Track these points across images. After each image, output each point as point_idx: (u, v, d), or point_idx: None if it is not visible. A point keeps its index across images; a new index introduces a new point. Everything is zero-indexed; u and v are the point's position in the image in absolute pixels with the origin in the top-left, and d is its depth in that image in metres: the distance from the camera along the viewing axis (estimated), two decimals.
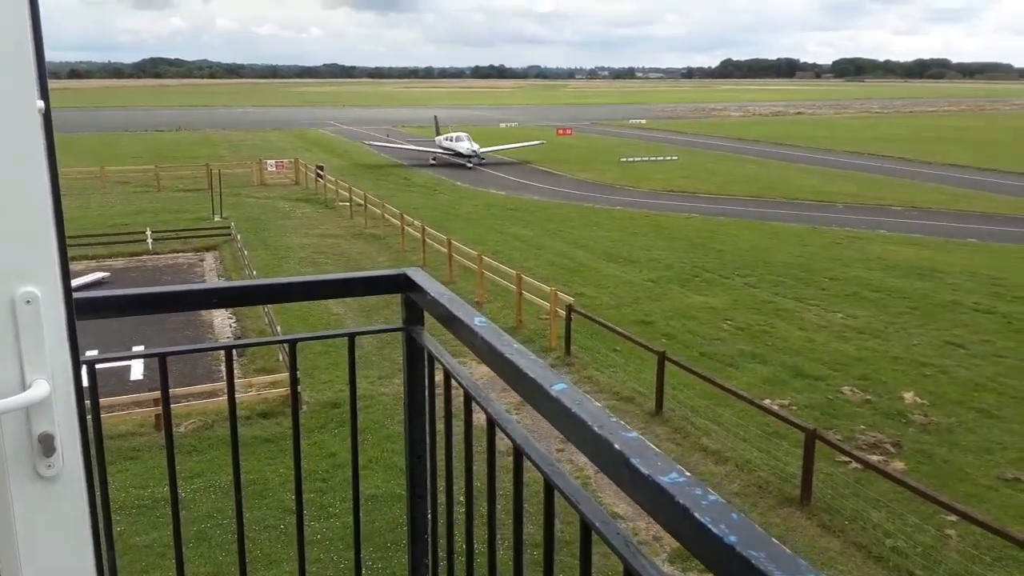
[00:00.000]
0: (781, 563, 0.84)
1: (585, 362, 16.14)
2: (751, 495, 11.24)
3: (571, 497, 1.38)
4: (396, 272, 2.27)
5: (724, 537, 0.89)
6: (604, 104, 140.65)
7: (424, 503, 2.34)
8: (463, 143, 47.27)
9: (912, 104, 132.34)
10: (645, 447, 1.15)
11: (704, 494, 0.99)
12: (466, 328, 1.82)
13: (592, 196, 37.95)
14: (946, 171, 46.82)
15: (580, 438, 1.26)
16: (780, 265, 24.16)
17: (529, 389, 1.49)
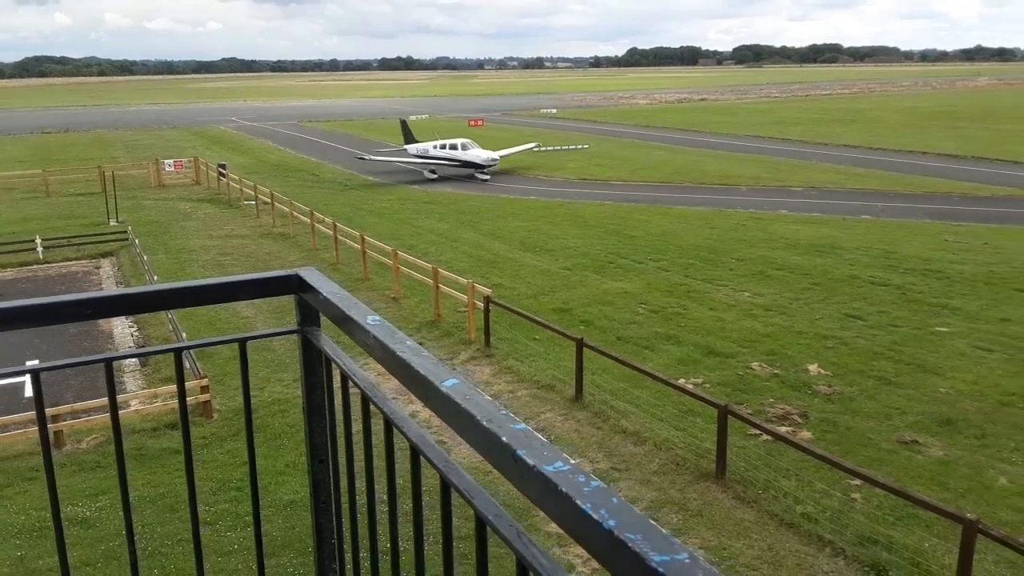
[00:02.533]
0: (657, 544, 0.88)
1: (505, 353, 16.18)
2: (669, 472, 11.53)
3: (465, 493, 1.40)
4: (288, 273, 2.20)
5: (603, 522, 0.92)
6: (515, 94, 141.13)
7: (329, 508, 2.31)
8: (474, 151, 40.43)
9: (807, 88, 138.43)
10: (532, 438, 1.16)
11: (587, 481, 1.01)
12: (359, 328, 1.79)
13: (507, 187, 38.05)
14: (840, 152, 49.17)
15: (470, 433, 1.27)
16: (690, 248, 24.85)
17: (421, 387, 1.48)
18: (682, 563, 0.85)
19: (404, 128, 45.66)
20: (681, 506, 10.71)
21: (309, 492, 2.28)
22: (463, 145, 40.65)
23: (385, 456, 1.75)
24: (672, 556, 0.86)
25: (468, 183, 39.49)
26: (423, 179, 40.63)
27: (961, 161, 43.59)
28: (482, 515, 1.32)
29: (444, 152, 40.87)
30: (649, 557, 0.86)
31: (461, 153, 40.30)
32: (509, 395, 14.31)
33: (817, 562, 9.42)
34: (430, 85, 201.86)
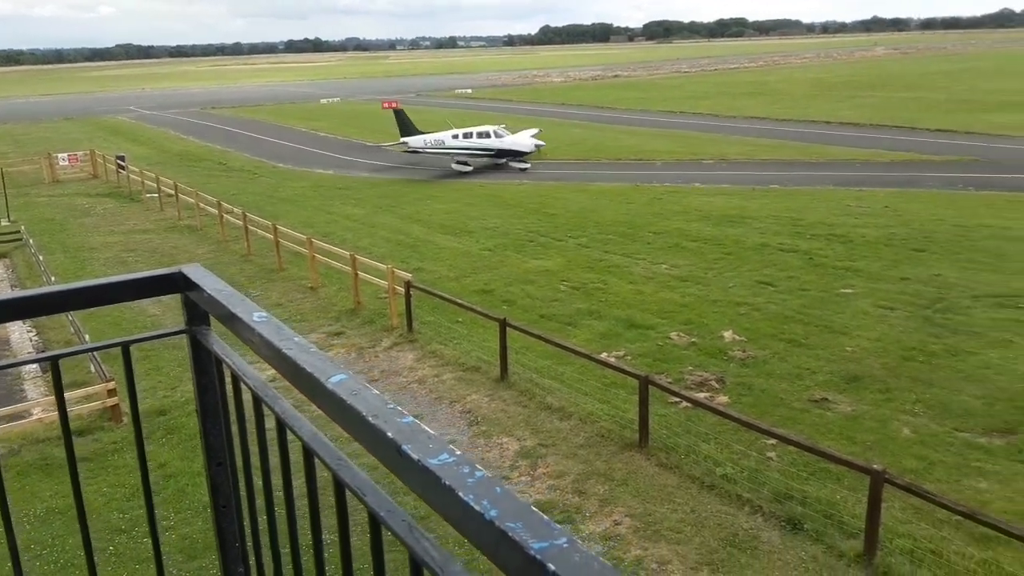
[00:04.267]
0: (537, 531, 0.91)
1: (429, 337, 16.06)
2: (595, 445, 11.71)
3: (358, 490, 1.39)
4: (172, 271, 2.14)
5: (485, 513, 0.94)
6: (428, 75, 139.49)
7: (229, 511, 2.25)
8: (513, 137, 37.07)
9: (716, 62, 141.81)
10: (418, 432, 1.16)
11: (471, 471, 1.03)
12: (245, 326, 1.75)
13: (424, 169, 37.62)
14: (749, 124, 50.66)
15: (356, 430, 1.25)
16: (608, 224, 25.19)
17: (308, 384, 1.45)
18: (560, 548, 0.87)
19: (401, 119, 39.73)
20: (607, 476, 10.90)
21: (209, 496, 2.23)
22: (495, 133, 36.74)
23: (280, 457, 1.72)
24: (551, 542, 0.89)
25: (390, 167, 38.89)
26: (337, 164, 39.73)
27: (861, 129, 45.60)
28: (373, 511, 1.31)
29: (473, 142, 36.72)
30: (528, 545, 0.88)
31: (496, 141, 36.38)
32: (434, 379, 14.23)
33: (737, 520, 9.76)
34: (340, 67, 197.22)
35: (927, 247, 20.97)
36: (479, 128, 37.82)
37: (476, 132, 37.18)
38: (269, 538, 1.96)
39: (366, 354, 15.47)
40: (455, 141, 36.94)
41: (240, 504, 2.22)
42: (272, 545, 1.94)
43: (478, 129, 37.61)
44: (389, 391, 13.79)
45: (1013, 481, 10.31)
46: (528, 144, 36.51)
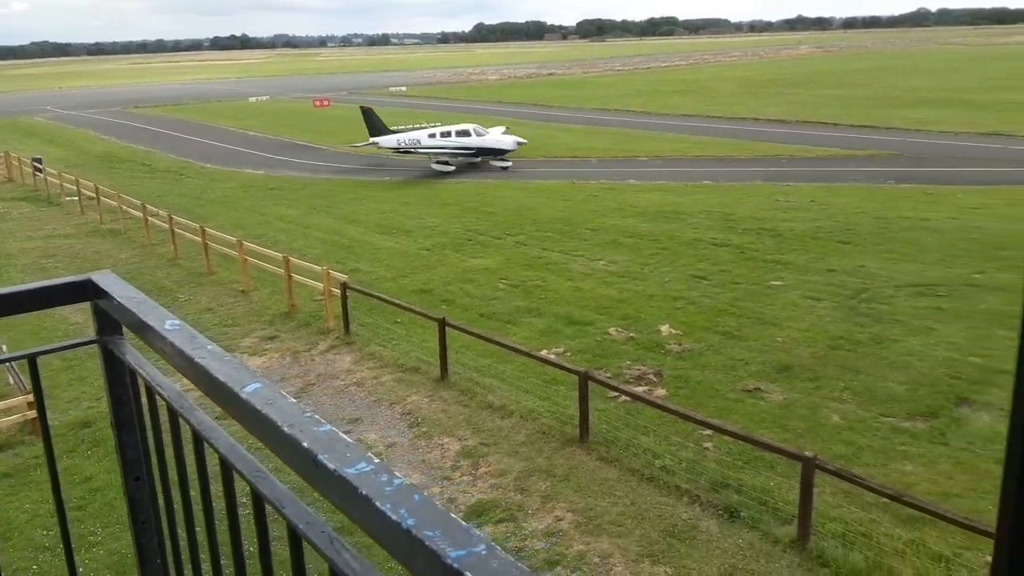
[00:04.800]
0: (456, 539, 0.90)
1: (367, 339, 15.84)
2: (536, 442, 11.74)
3: (276, 502, 1.37)
4: (81, 278, 2.07)
5: (403, 522, 0.93)
6: (362, 72, 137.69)
7: (149, 527, 2.20)
8: (494, 135, 35.95)
9: (648, 61, 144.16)
10: (336, 440, 1.14)
11: (390, 480, 1.02)
12: (156, 335, 1.69)
13: (360, 168, 37.12)
14: (681, 121, 51.65)
15: (271, 440, 1.23)
16: (546, 221, 25.31)
17: (221, 394, 1.41)
18: (478, 555, 0.87)
19: (369, 118, 37.92)
20: (549, 473, 10.94)
21: (127, 512, 2.18)
22: (475, 131, 35.76)
23: (198, 471, 1.71)
24: (469, 550, 0.88)
25: (319, 168, 38.19)
26: (268, 164, 38.83)
27: (788, 125, 46.99)
28: (292, 524, 1.29)
29: (452, 140, 35.51)
30: (445, 553, 0.87)
31: (476, 140, 35.38)
32: (373, 381, 14.04)
33: (676, 511, 9.92)
34: (269, 64, 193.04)
35: (851, 239, 21.74)
36: (458, 126, 36.82)
37: (455, 131, 36.04)
38: (189, 554, 1.92)
39: (302, 358, 15.15)
40: (432, 140, 35.79)
41: (160, 519, 2.17)
42: (193, 561, 1.91)
43: (457, 127, 36.52)
44: (327, 395, 13.55)
45: (936, 463, 10.77)
46: (510, 142, 35.74)
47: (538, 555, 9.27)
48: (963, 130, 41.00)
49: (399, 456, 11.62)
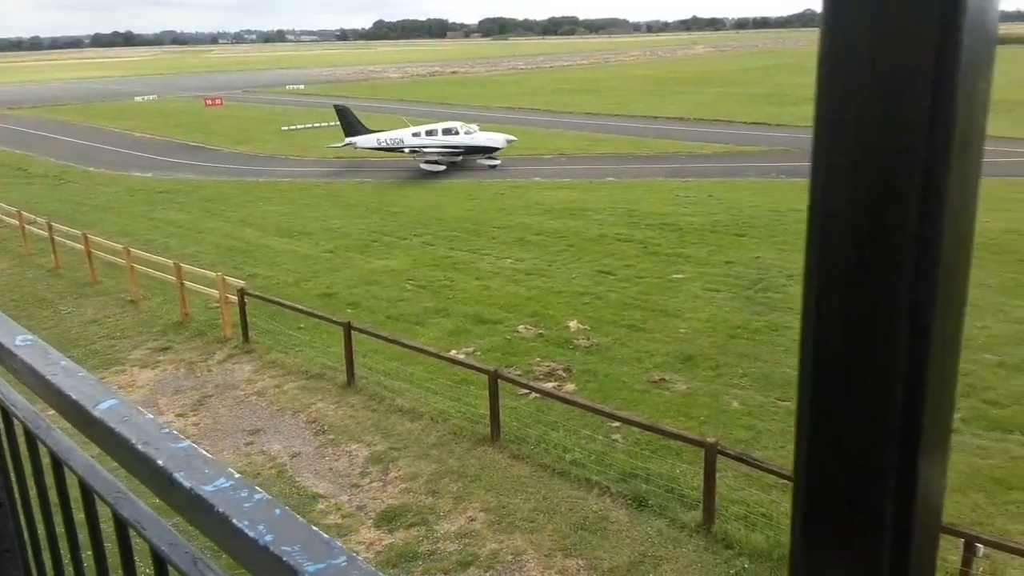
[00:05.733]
0: (314, 552, 0.88)
1: (268, 346, 15.29)
2: (447, 443, 11.63)
3: (137, 525, 1.35)
4: None
5: (260, 538, 0.92)
6: (256, 70, 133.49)
7: (14, 555, 2.12)
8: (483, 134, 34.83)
9: (550, 60, 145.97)
10: (194, 457, 1.12)
11: (249, 495, 1.00)
12: (6, 351, 1.61)
13: (255, 169, 35.93)
14: (584, 119, 52.51)
15: (125, 458, 1.20)
16: (452, 220, 25.17)
17: (74, 412, 1.36)
18: (338, 567, 0.86)
19: (345, 117, 36.16)
20: (460, 474, 10.84)
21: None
22: (463, 129, 34.57)
23: (57, 496, 1.65)
24: (328, 562, 0.87)
25: (213, 170, 36.72)
26: (157, 167, 37.01)
27: (686, 123, 48.51)
28: (155, 546, 1.27)
29: (439, 139, 34.23)
30: (303, 568, 0.86)
31: (465, 138, 34.13)
32: (275, 390, 13.56)
33: (587, 503, 10.02)
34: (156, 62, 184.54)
35: (747, 232, 22.61)
36: (444, 124, 35.71)
37: (441, 129, 34.94)
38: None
39: (197, 369, 14.47)
40: (417, 139, 34.61)
41: (24, 547, 2.09)
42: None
43: (443, 125, 35.51)
44: (226, 406, 12.99)
45: None
46: (500, 140, 34.83)
47: (450, 557, 9.16)
48: None
49: (305, 466, 11.26)
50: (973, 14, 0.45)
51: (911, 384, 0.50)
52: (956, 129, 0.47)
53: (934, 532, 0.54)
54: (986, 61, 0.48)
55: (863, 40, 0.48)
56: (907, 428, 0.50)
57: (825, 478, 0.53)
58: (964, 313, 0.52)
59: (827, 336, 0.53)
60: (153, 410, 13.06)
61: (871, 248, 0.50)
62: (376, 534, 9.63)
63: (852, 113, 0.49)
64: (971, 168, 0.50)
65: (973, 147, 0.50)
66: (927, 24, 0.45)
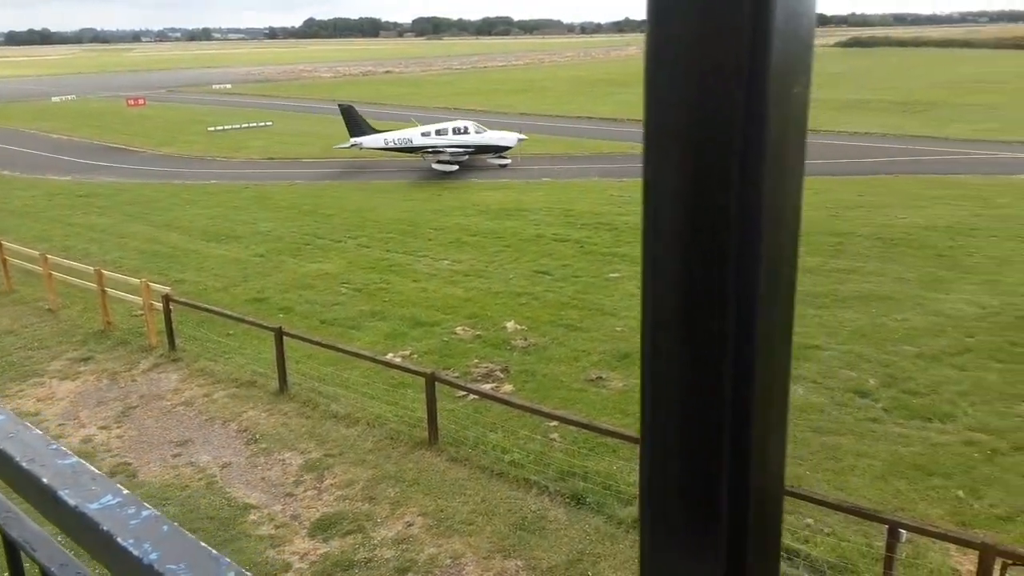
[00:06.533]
0: (202, 569, 0.88)
1: (196, 354, 14.79)
2: (384, 448, 11.45)
3: (27, 545, 1.30)
4: None
5: (144, 557, 0.90)
6: (181, 69, 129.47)
7: None
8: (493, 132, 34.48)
9: (485, 60, 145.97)
10: (81, 474, 1.09)
11: (137, 512, 0.99)
12: None
13: (181, 171, 34.81)
14: (519, 120, 52.57)
15: (10, 476, 1.16)
16: (388, 222, 24.87)
17: None
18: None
19: (350, 117, 35.21)
20: (398, 478, 10.70)
21: None
22: (473, 128, 34.22)
23: None
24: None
25: (130, 171, 35.41)
26: (77, 170, 35.47)
27: (619, 124, 49.12)
28: (44, 567, 1.24)
29: (450, 138, 33.79)
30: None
31: (476, 137, 33.83)
32: (204, 399, 13.12)
33: (526, 504, 10.01)
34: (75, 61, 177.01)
35: None
36: (453, 123, 35.16)
37: (451, 128, 34.43)
38: None
39: (121, 379, 13.89)
40: (426, 139, 34.05)
41: None
42: None
43: (452, 124, 34.94)
44: (152, 417, 12.51)
45: None
46: (511, 139, 34.44)
47: (388, 564, 9.02)
48: None
49: (236, 476, 10.93)
50: (783, 22, 0.48)
51: (740, 361, 0.53)
52: (770, 128, 0.50)
53: (774, 492, 0.58)
54: (801, 64, 0.51)
55: (683, 45, 0.51)
56: (738, 400, 0.54)
57: (667, 445, 0.57)
58: (793, 297, 0.57)
59: (663, 320, 0.56)
60: (74, 423, 12.48)
61: (698, 239, 0.53)
62: (311, 544, 9.41)
63: (674, 114, 0.52)
64: (791, 165, 0.53)
65: (791, 145, 0.52)
66: (739, 28, 0.48)
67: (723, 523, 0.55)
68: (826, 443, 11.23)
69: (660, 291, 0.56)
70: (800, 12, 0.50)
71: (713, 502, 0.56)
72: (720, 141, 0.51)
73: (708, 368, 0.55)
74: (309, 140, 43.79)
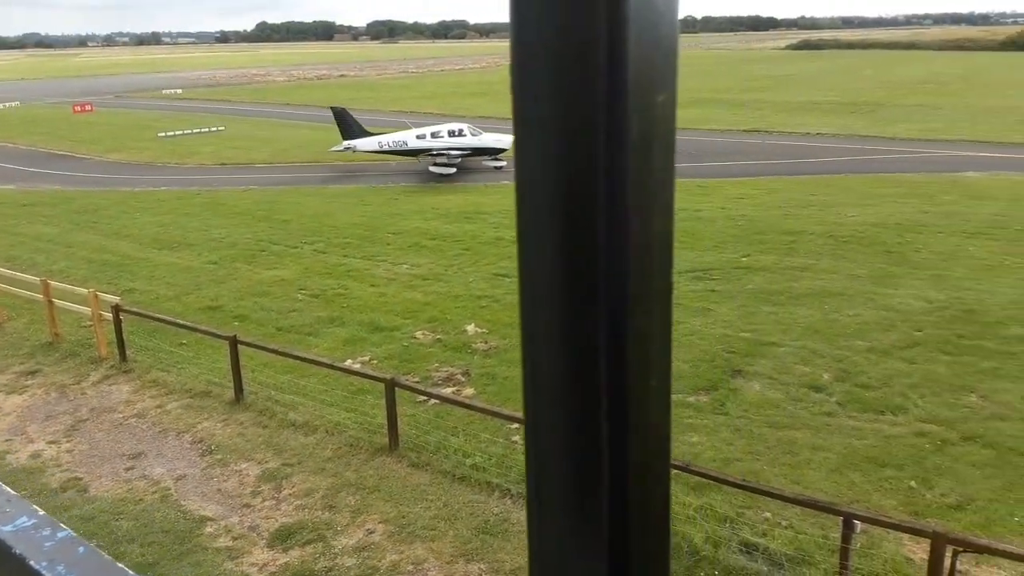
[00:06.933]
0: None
1: (148, 365, 14.43)
2: (344, 456, 11.31)
3: None
4: None
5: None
6: (129, 73, 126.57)
7: None
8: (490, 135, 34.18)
9: (441, 63, 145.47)
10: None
11: (52, 534, 0.96)
12: None
13: (130, 178, 34.02)
14: (477, 122, 52.46)
15: None
16: (346, 227, 24.60)
17: None
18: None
19: (344, 120, 34.95)
20: (358, 486, 10.57)
21: None
22: (469, 130, 34.12)
23: None
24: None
25: (77, 178, 34.48)
26: (21, 178, 34.39)
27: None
28: None
29: (446, 141, 33.53)
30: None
31: (472, 139, 33.64)
32: (157, 410, 12.80)
33: (488, 507, 9.97)
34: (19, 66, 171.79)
35: None
36: (449, 126, 34.90)
37: (447, 130, 34.20)
38: None
39: (70, 392, 13.48)
40: (422, 142, 33.84)
41: None
42: None
43: (448, 127, 34.72)
44: (102, 430, 12.16)
45: (718, 432, 11.72)
46: (507, 140, 34.12)
47: (349, 572, 8.90)
48: (728, 127, 45.45)
49: (191, 489, 10.68)
50: (640, 34, 0.50)
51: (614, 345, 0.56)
52: (633, 138, 0.52)
53: (658, 470, 0.60)
54: (664, 73, 0.53)
55: (543, 60, 0.52)
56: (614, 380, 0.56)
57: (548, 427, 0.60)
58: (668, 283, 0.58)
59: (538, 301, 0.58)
60: (22, 438, 12.07)
61: (569, 242, 0.54)
62: (270, 554, 9.23)
63: (539, 131, 0.53)
64: (657, 170, 0.55)
65: (656, 152, 0.54)
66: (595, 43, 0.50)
67: (604, 500, 0.57)
68: (782, 438, 11.42)
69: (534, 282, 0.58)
70: (658, 23, 0.51)
71: (594, 481, 0.57)
72: (583, 150, 0.52)
73: (583, 350, 0.56)
74: (262, 145, 43.15)
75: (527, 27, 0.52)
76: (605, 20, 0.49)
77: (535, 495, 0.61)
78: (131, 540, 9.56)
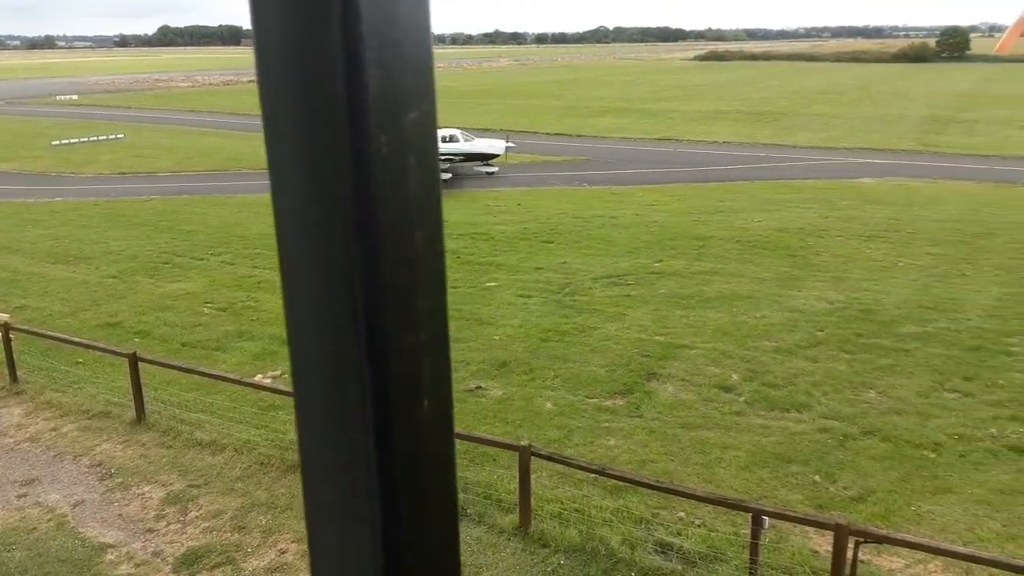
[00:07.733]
0: None
1: (41, 385, 13.57)
2: (254, 474, 10.90)
3: None
4: None
5: None
6: (21, 78, 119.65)
7: None
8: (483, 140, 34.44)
9: None
10: None
11: None
12: None
13: (21, 189, 32.05)
14: None
15: None
16: (255, 237, 23.85)
17: None
18: None
19: None
20: (270, 505, 10.20)
21: None
22: (462, 136, 33.60)
23: None
24: None
25: None
26: None
27: (494, 135, 49.46)
28: None
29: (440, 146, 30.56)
30: None
31: (465, 145, 33.26)
32: (52, 433, 12.04)
33: None
34: None
35: (554, 238, 23.45)
36: (442, 131, 33.37)
37: (440, 136, 32.66)
38: None
39: None
40: None
41: None
42: None
43: (441, 132, 33.17)
44: None
45: (634, 435, 11.90)
46: (500, 146, 34.29)
47: None
48: (640, 136, 46.54)
49: (89, 515, 10.07)
50: (379, 52, 0.50)
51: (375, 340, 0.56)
52: (379, 153, 0.52)
53: (443, 460, 0.61)
54: (416, 90, 0.53)
55: (286, 83, 0.53)
56: (377, 375, 0.57)
57: (316, 422, 0.59)
58: (441, 274, 0.59)
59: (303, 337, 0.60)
60: None
61: (325, 262, 0.56)
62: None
63: (290, 151, 0.55)
64: (414, 187, 0.55)
65: (411, 167, 0.55)
66: (332, 65, 0.51)
67: (374, 491, 0.57)
68: (695, 438, 11.69)
69: (297, 296, 0.60)
70: (402, 40, 0.51)
71: (361, 474, 0.58)
72: (328, 173, 0.53)
73: (343, 346, 0.57)
74: (165, 153, 41.48)
75: (267, 38, 0.52)
76: (340, 38, 0.49)
77: (309, 490, 0.62)
78: (24, 572, 8.94)
